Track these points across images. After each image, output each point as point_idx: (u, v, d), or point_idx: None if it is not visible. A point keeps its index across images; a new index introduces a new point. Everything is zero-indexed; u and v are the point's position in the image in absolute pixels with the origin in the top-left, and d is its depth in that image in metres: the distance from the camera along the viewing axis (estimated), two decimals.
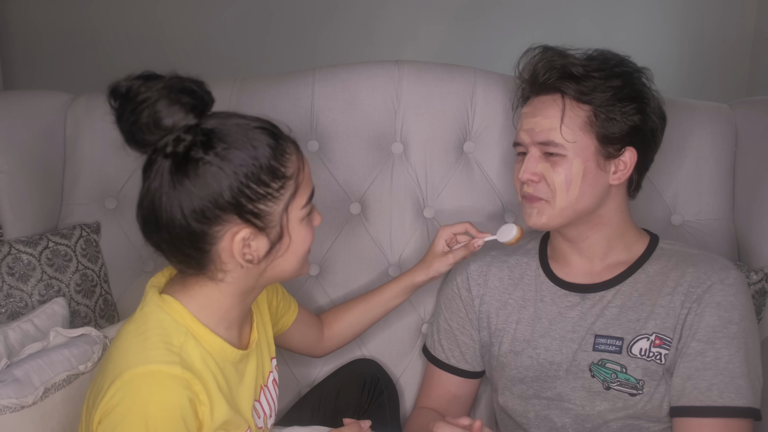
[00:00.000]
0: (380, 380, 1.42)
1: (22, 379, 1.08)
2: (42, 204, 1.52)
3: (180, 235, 0.94)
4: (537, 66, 1.22)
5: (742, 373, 1.13)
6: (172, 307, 0.99)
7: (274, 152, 0.95)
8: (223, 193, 0.92)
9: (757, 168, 1.44)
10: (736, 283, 1.17)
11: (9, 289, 1.35)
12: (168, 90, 0.90)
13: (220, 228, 0.94)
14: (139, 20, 2.82)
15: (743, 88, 2.63)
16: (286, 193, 0.97)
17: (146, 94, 0.89)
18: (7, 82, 2.77)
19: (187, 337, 0.97)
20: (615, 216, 1.24)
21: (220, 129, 0.93)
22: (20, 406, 1.04)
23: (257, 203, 0.94)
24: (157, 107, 0.89)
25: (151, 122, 0.89)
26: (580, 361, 1.22)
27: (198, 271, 0.98)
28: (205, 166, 0.91)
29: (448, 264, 1.31)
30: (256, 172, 0.93)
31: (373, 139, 1.53)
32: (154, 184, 0.92)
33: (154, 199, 0.93)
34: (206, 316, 1.00)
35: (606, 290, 1.24)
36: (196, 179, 0.91)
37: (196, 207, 0.92)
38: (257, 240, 0.96)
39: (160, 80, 0.90)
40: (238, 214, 0.93)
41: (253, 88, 1.55)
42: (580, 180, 1.18)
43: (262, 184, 0.94)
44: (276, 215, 0.96)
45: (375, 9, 2.78)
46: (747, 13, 2.61)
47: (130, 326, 0.99)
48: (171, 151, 0.91)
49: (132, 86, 0.90)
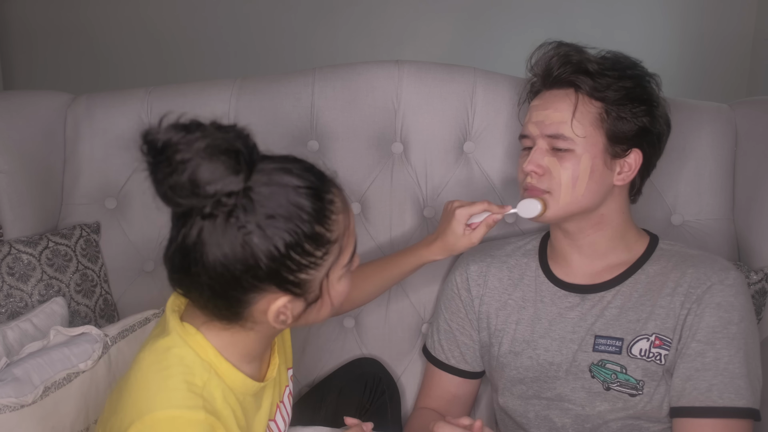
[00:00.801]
0: (382, 379, 1.42)
1: (22, 378, 1.07)
2: (42, 204, 1.52)
3: (213, 295, 0.88)
4: (552, 60, 1.22)
5: (741, 373, 1.13)
6: (196, 341, 0.93)
7: (319, 217, 0.87)
8: (262, 263, 0.84)
9: (757, 168, 1.44)
10: (735, 284, 1.17)
11: (9, 289, 1.35)
12: (210, 150, 0.79)
13: (255, 295, 0.88)
14: (139, 20, 2.82)
15: (743, 88, 2.63)
16: (330, 258, 0.89)
17: (185, 155, 0.79)
18: (6, 82, 2.77)
19: (210, 374, 0.92)
20: (616, 216, 1.24)
21: (263, 193, 0.84)
22: (20, 405, 1.04)
23: (298, 273, 0.87)
24: (198, 173, 0.79)
25: (191, 187, 0.80)
26: (580, 362, 1.22)
27: (228, 323, 0.92)
28: (247, 235, 0.83)
29: (472, 243, 1.25)
30: (300, 241, 0.85)
31: (373, 139, 1.53)
32: (188, 240, 0.85)
33: (189, 253, 0.85)
34: (230, 352, 0.94)
35: (606, 291, 1.24)
36: (235, 246, 0.83)
37: (233, 273, 0.85)
38: (293, 304, 0.90)
39: (202, 136, 0.79)
40: (276, 284, 0.87)
41: (253, 88, 1.55)
42: (587, 177, 1.18)
43: (305, 253, 0.86)
44: (317, 281, 0.90)
45: (375, 9, 2.78)
46: (747, 13, 2.61)
47: (150, 356, 0.93)
48: (209, 213, 0.83)
49: (170, 142, 0.79)
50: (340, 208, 0.90)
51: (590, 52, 1.22)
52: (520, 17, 2.72)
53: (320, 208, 0.87)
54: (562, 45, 1.23)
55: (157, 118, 0.82)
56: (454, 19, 2.78)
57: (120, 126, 1.55)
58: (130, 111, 1.56)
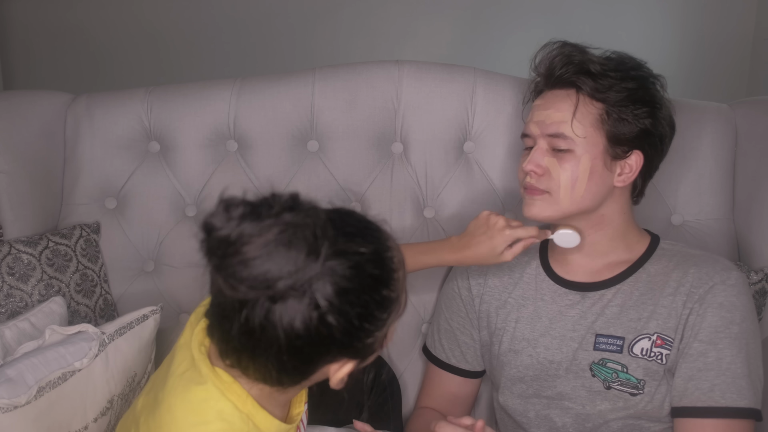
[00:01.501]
0: (384, 377, 1.41)
1: (15, 378, 1.06)
2: (42, 204, 1.52)
3: (275, 371, 0.84)
4: (554, 60, 1.22)
5: (743, 373, 1.13)
6: (233, 392, 0.88)
7: (386, 281, 0.83)
8: (336, 338, 0.81)
9: (757, 168, 1.44)
10: (737, 284, 1.17)
11: (9, 289, 1.35)
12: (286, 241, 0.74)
13: (324, 364, 0.86)
14: (138, 20, 2.82)
15: (743, 88, 2.63)
16: (391, 317, 0.87)
17: (258, 251, 0.73)
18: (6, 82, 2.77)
19: (249, 427, 0.88)
20: (617, 217, 1.24)
21: (334, 269, 0.79)
22: (13, 407, 1.02)
23: (366, 339, 0.84)
24: (271, 266, 0.74)
25: (263, 281, 0.75)
26: (581, 361, 1.22)
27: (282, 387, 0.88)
28: (319, 312, 0.78)
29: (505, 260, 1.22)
30: (371, 310, 0.82)
31: (373, 139, 1.53)
32: (253, 323, 0.79)
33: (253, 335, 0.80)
34: (266, 400, 0.90)
35: (606, 289, 1.24)
36: (309, 326, 0.79)
37: (303, 351, 0.81)
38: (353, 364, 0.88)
39: (274, 224, 0.74)
40: (347, 354, 0.85)
41: (253, 88, 1.55)
42: (587, 178, 1.18)
43: (374, 320, 0.83)
44: (378, 340, 0.87)
45: (375, 9, 2.78)
46: (747, 13, 2.61)
47: (184, 406, 0.88)
48: (280, 296, 0.77)
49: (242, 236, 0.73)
50: (399, 263, 0.87)
51: (594, 53, 1.21)
52: (520, 17, 2.72)
53: (385, 273, 0.84)
54: (566, 45, 1.23)
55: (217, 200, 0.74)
56: (454, 19, 2.78)
57: (120, 126, 1.55)
58: (130, 111, 1.56)
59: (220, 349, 0.86)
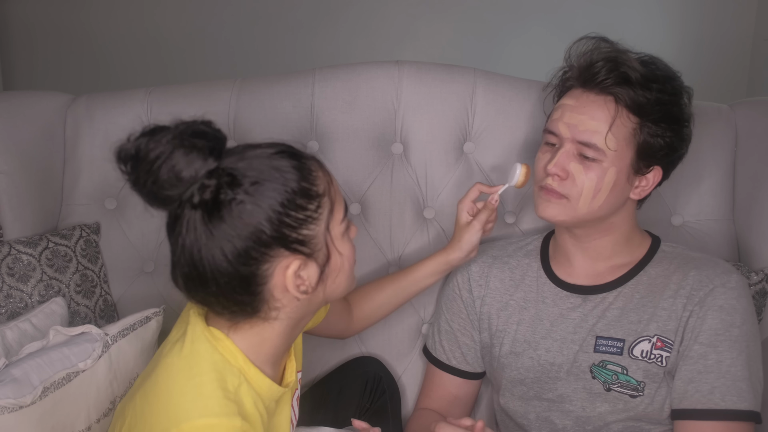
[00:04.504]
0: (383, 379, 1.41)
1: (21, 378, 1.07)
2: (42, 204, 1.52)
3: (229, 284, 0.89)
4: (596, 63, 1.17)
5: (743, 376, 1.13)
6: (225, 347, 0.94)
7: (301, 173, 0.91)
8: (264, 228, 0.87)
9: (757, 168, 1.44)
10: (737, 287, 1.17)
11: (9, 290, 1.35)
12: (179, 139, 0.85)
13: (269, 265, 0.90)
14: (138, 20, 2.82)
15: (743, 89, 2.63)
16: (324, 211, 0.93)
17: (158, 150, 0.84)
18: (7, 82, 2.77)
19: (240, 380, 0.93)
20: (624, 223, 1.24)
21: (241, 165, 0.88)
22: (18, 406, 1.03)
23: (300, 229, 0.90)
24: (173, 160, 0.84)
25: (172, 177, 0.84)
26: (581, 363, 1.22)
27: (251, 316, 0.94)
28: (239, 205, 0.86)
29: (476, 231, 1.27)
30: (291, 197, 0.89)
31: (373, 140, 1.53)
32: (189, 238, 0.88)
33: (192, 254, 0.88)
34: (256, 354, 0.96)
35: (608, 292, 1.24)
36: (233, 221, 0.86)
37: (240, 250, 0.87)
38: (308, 268, 0.93)
39: (167, 131, 0.86)
40: (284, 246, 0.90)
41: (253, 89, 1.55)
42: (609, 190, 1.16)
43: (299, 208, 0.90)
44: (320, 237, 0.93)
45: (375, 9, 2.78)
46: (747, 13, 2.61)
47: (179, 362, 0.94)
48: (199, 200, 0.86)
49: (140, 146, 0.85)
50: (317, 166, 0.95)
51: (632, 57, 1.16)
52: (520, 17, 2.72)
53: (299, 166, 0.91)
54: (604, 41, 1.18)
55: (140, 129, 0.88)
56: (454, 19, 2.78)
57: (120, 126, 1.55)
58: (130, 111, 1.56)
59: (188, 289, 0.92)
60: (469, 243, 1.28)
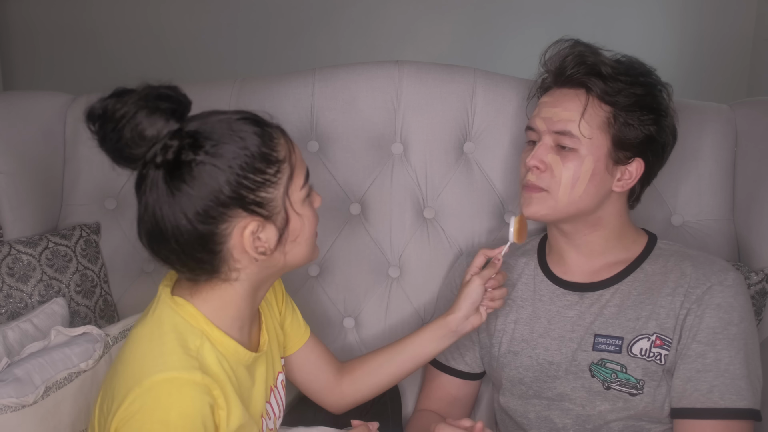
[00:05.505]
0: None
1: (23, 378, 1.08)
2: (42, 204, 1.52)
3: (189, 242, 0.93)
4: (566, 59, 1.21)
5: (742, 374, 1.13)
6: (186, 310, 0.98)
7: (262, 139, 0.95)
8: (223, 188, 0.92)
9: (757, 168, 1.44)
10: (735, 285, 1.17)
11: (9, 290, 1.35)
12: (144, 101, 0.90)
13: (227, 225, 0.94)
14: (139, 20, 2.82)
15: (743, 89, 2.63)
16: (283, 177, 0.97)
17: (123, 110, 0.89)
18: (7, 82, 2.77)
19: (202, 340, 0.96)
20: (613, 219, 1.24)
21: (204, 128, 0.93)
22: (21, 405, 1.04)
23: (258, 192, 0.94)
24: (137, 120, 0.89)
25: (135, 136, 0.90)
26: (580, 361, 1.22)
27: (211, 275, 0.97)
28: (199, 166, 0.91)
29: (476, 286, 1.20)
30: (250, 161, 0.93)
31: (373, 140, 1.53)
32: (152, 197, 0.92)
33: (155, 212, 0.92)
34: (220, 317, 0.99)
35: (604, 289, 1.24)
36: (193, 181, 0.91)
37: (200, 209, 0.91)
38: (266, 230, 0.96)
39: (134, 93, 0.90)
40: (241, 207, 0.93)
41: (253, 89, 1.55)
42: (587, 179, 1.18)
43: (258, 171, 0.94)
44: (278, 200, 0.96)
45: (375, 9, 2.77)
46: (747, 13, 2.61)
47: (143, 330, 0.98)
48: (161, 161, 0.91)
49: (107, 106, 0.90)
50: (280, 134, 0.99)
51: (605, 54, 1.21)
52: (520, 18, 2.72)
53: (261, 132, 0.95)
54: (579, 44, 1.22)
55: None
56: (454, 19, 2.78)
57: None
58: None
59: (150, 246, 0.96)
60: (467, 299, 1.20)
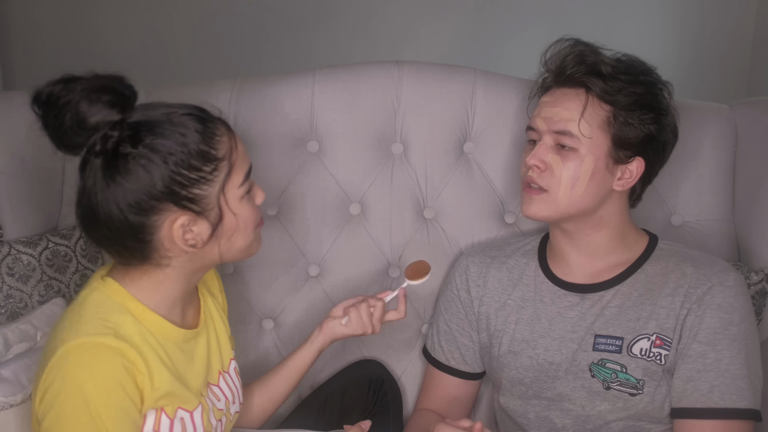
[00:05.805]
0: (385, 381, 1.42)
1: (10, 378, 1.10)
2: (42, 204, 1.52)
3: (119, 230, 0.96)
4: (566, 58, 1.21)
5: (743, 374, 1.13)
6: (110, 288, 1.01)
7: (202, 136, 0.96)
8: (156, 183, 0.93)
9: (757, 168, 1.44)
10: (735, 285, 1.17)
11: (9, 290, 1.35)
12: (88, 90, 0.91)
13: (157, 217, 0.96)
14: (139, 20, 2.82)
15: (743, 89, 2.63)
16: (220, 175, 0.98)
17: (67, 97, 0.90)
18: (7, 82, 2.77)
19: (124, 315, 0.98)
20: (615, 219, 1.24)
21: (145, 121, 0.94)
22: (9, 405, 1.06)
23: (191, 188, 0.96)
24: (79, 108, 0.90)
25: (76, 124, 0.91)
26: (580, 361, 1.22)
27: (142, 261, 1.00)
28: (135, 160, 0.93)
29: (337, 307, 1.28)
30: (186, 158, 0.95)
31: (373, 140, 1.53)
32: (89, 182, 0.94)
33: (90, 197, 0.95)
34: (146, 296, 1.02)
35: (605, 290, 1.24)
36: (128, 174, 0.93)
37: (131, 201, 0.94)
38: (198, 224, 0.98)
39: (80, 81, 0.91)
40: (173, 201, 0.95)
41: (253, 89, 1.55)
42: (588, 178, 1.18)
43: (193, 169, 0.95)
44: (212, 198, 0.98)
45: (375, 9, 2.77)
46: (747, 13, 2.61)
47: (67, 310, 1.02)
48: (100, 149, 0.93)
49: (53, 91, 0.91)
50: (224, 130, 1.00)
51: (606, 54, 1.21)
52: (520, 18, 2.72)
53: (203, 129, 0.97)
54: (579, 43, 1.22)
55: None
56: (454, 19, 2.78)
57: None
58: None
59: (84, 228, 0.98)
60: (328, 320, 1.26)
